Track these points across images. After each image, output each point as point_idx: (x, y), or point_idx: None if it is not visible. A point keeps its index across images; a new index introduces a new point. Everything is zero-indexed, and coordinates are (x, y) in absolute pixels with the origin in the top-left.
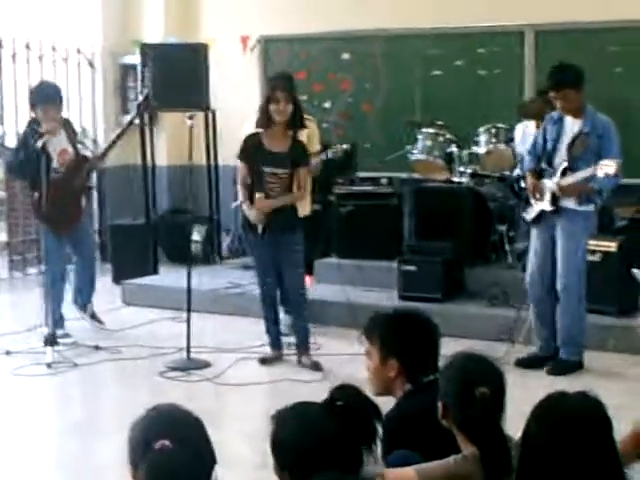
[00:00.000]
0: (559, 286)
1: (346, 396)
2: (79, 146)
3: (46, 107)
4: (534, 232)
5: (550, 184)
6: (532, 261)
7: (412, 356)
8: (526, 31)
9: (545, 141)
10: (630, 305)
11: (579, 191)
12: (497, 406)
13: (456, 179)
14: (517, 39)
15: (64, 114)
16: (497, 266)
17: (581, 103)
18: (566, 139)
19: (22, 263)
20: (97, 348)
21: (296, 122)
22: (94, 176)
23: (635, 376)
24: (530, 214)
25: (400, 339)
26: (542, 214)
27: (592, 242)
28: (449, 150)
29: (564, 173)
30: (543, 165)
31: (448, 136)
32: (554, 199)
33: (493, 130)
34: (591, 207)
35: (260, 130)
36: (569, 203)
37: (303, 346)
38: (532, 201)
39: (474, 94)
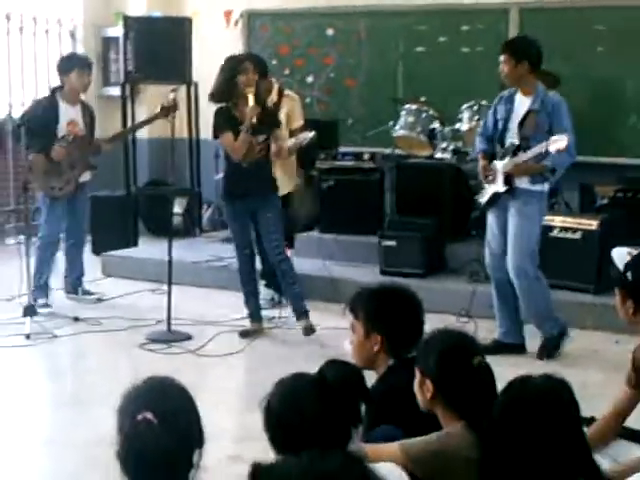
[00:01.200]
0: (511, 270)
1: (336, 372)
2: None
3: (81, 72)
4: (490, 216)
5: (501, 165)
6: (490, 245)
7: (396, 332)
8: (511, 9)
9: (496, 121)
10: (609, 283)
11: (531, 170)
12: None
13: (438, 155)
14: (501, 17)
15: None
16: (478, 242)
17: (521, 77)
18: (516, 118)
19: (0, 234)
20: (76, 319)
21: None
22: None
23: (615, 354)
24: (484, 197)
25: (385, 314)
26: (496, 196)
27: (572, 220)
28: (432, 126)
29: (515, 153)
30: (496, 147)
31: (431, 112)
32: (507, 180)
33: (475, 107)
34: (545, 186)
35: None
36: (522, 183)
37: (298, 312)
38: (484, 184)
39: (457, 71)
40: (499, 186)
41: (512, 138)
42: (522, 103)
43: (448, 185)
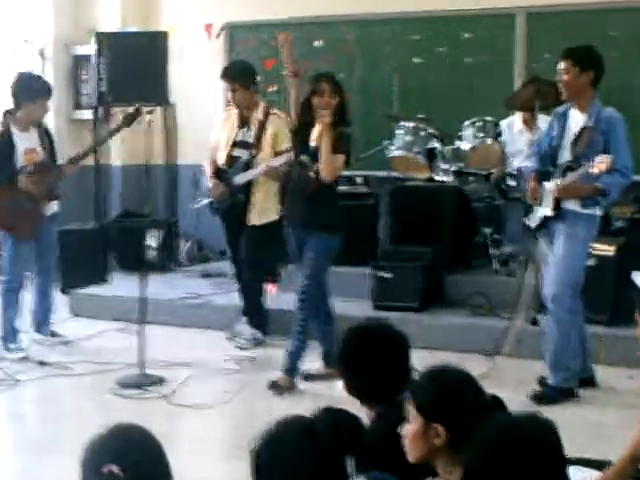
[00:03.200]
0: (548, 296)
1: (331, 423)
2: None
3: (45, 100)
4: (542, 243)
5: (550, 186)
6: (546, 274)
7: (376, 378)
8: (517, 14)
9: (551, 139)
10: (624, 313)
11: (582, 192)
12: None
13: (438, 177)
14: (507, 23)
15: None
16: (481, 272)
17: (582, 89)
18: (570, 136)
19: None
20: (42, 364)
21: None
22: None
23: (629, 391)
24: (533, 221)
25: (359, 359)
26: (546, 220)
27: None
28: (431, 146)
29: (565, 173)
30: (550, 167)
31: (430, 130)
32: (556, 203)
33: (479, 124)
34: (597, 210)
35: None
36: (571, 205)
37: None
38: (535, 206)
39: (458, 84)
40: (548, 209)
41: (564, 157)
42: (577, 119)
43: (448, 210)
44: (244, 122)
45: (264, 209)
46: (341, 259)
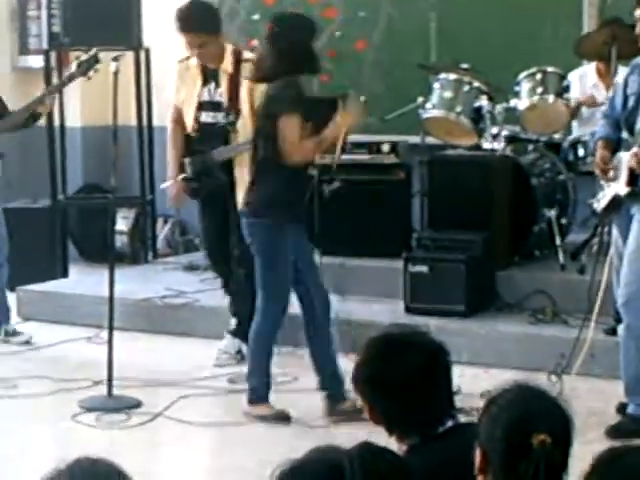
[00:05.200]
0: (620, 299)
1: (366, 465)
2: None
3: None
4: (614, 229)
5: (626, 157)
6: (618, 270)
7: (408, 402)
8: None
9: (626, 99)
10: None
11: None
12: (559, 460)
13: (487, 145)
14: None
15: None
16: (543, 267)
17: None
18: None
19: None
20: None
21: None
22: None
23: None
24: (601, 202)
25: (386, 377)
26: (618, 201)
27: None
28: (477, 104)
29: None
30: (624, 133)
31: (476, 85)
32: (631, 178)
33: (539, 76)
34: None
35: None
36: None
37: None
38: (603, 183)
39: (513, 26)
40: (621, 186)
41: None
42: None
43: (501, 187)
44: (208, 77)
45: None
46: (363, 249)
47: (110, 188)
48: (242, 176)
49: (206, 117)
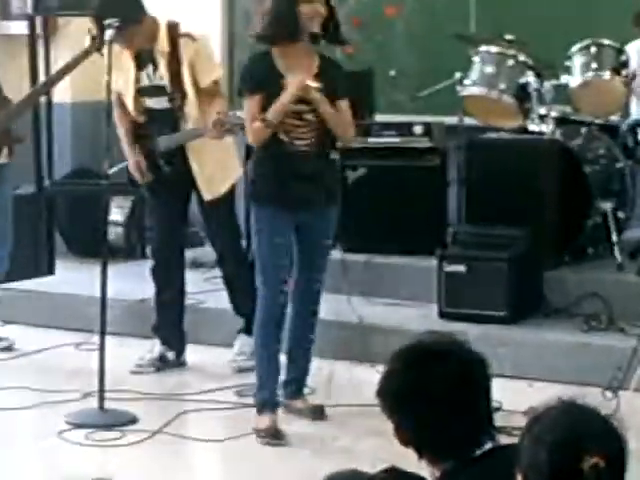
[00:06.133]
0: None
1: None
2: None
3: None
4: None
5: None
6: None
7: (441, 421)
8: None
9: None
10: None
11: None
12: None
13: (534, 127)
14: None
15: None
16: (597, 267)
17: None
18: None
19: None
20: None
21: (334, 34)
22: None
23: None
24: None
25: (415, 393)
26: None
27: None
28: (523, 81)
29: None
30: None
31: (522, 59)
32: None
33: (594, 49)
34: None
35: (269, 48)
36: None
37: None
38: None
39: None
40: None
41: None
42: None
43: (549, 175)
44: (144, 59)
45: (214, 175)
46: (392, 245)
47: (103, 173)
48: (200, 165)
49: (151, 103)
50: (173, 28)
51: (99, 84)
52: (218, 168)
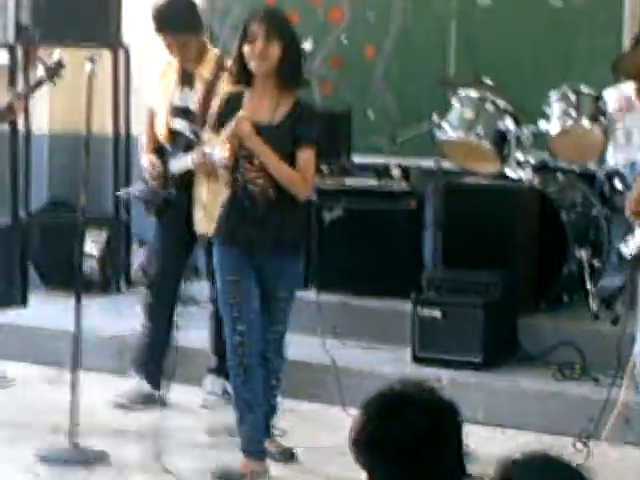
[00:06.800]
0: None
1: None
2: None
3: None
4: None
5: None
6: None
7: (412, 470)
8: None
9: None
10: None
11: None
12: None
13: (511, 172)
14: None
15: None
16: (572, 315)
17: None
18: None
19: None
20: None
21: (291, 75)
22: None
23: None
24: (630, 247)
25: (386, 442)
26: None
27: None
28: (501, 126)
29: None
30: None
31: (500, 104)
32: None
33: (572, 96)
34: None
35: (241, 89)
36: None
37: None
38: (635, 225)
39: (543, 38)
40: None
41: None
42: None
43: (526, 221)
44: (186, 78)
45: (211, 211)
46: (367, 288)
47: (79, 206)
48: (201, 196)
49: (176, 124)
50: (221, 59)
51: (76, 117)
52: (217, 204)
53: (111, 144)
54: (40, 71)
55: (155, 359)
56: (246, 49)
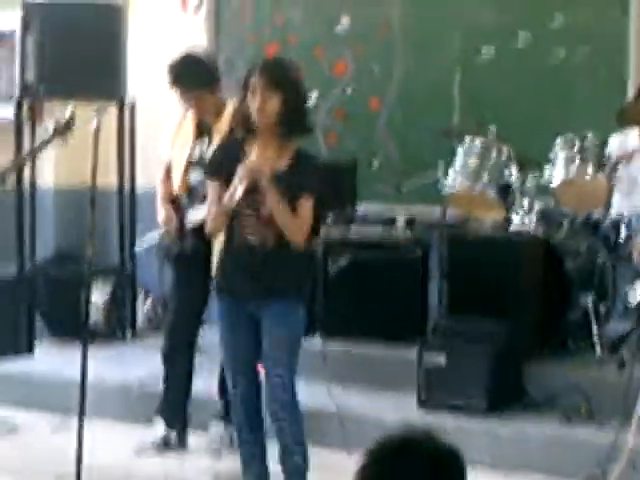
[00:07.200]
0: None
1: None
2: None
3: None
4: None
5: None
6: None
7: None
8: None
9: None
10: None
11: None
12: None
13: (516, 220)
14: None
15: None
16: (578, 361)
17: None
18: None
19: None
20: None
21: (291, 126)
22: None
23: None
24: (637, 292)
25: None
26: None
27: None
28: (506, 174)
29: None
30: None
31: (504, 152)
32: None
33: (576, 145)
34: None
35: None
36: None
37: None
38: None
39: (547, 87)
40: None
41: None
42: None
43: (530, 269)
44: (203, 132)
45: None
46: (372, 335)
47: (86, 258)
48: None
49: (194, 177)
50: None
51: (81, 171)
52: None
53: (115, 197)
54: (50, 127)
55: (175, 405)
56: (249, 101)
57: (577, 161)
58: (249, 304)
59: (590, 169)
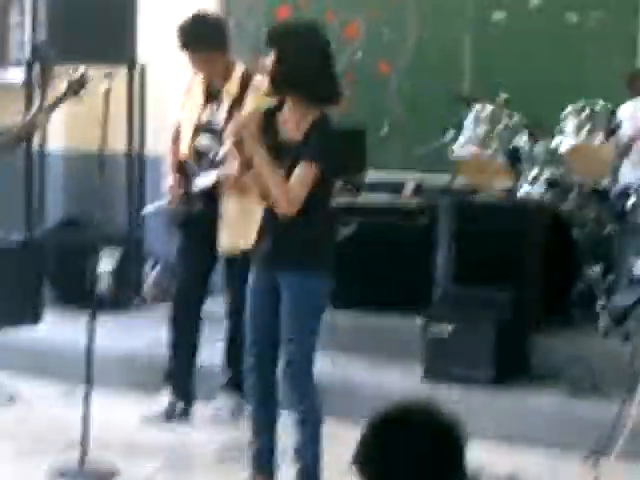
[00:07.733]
0: None
1: None
2: None
3: None
4: None
5: None
6: None
7: None
8: None
9: None
10: None
11: None
12: None
13: (525, 189)
14: None
15: None
16: (583, 333)
17: None
18: None
19: None
20: None
21: (281, 85)
22: None
23: None
24: None
25: (388, 461)
26: None
27: None
28: (516, 142)
29: None
30: None
31: (515, 120)
32: None
33: (586, 112)
34: None
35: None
36: None
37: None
38: None
39: (558, 53)
40: None
41: None
42: None
43: (537, 238)
44: (212, 95)
45: (236, 229)
46: (378, 304)
47: (94, 222)
48: (226, 211)
49: (202, 141)
50: (248, 76)
51: (91, 135)
52: (243, 223)
53: (123, 162)
54: (63, 86)
55: (181, 373)
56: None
57: (587, 128)
58: (271, 273)
59: (598, 138)
